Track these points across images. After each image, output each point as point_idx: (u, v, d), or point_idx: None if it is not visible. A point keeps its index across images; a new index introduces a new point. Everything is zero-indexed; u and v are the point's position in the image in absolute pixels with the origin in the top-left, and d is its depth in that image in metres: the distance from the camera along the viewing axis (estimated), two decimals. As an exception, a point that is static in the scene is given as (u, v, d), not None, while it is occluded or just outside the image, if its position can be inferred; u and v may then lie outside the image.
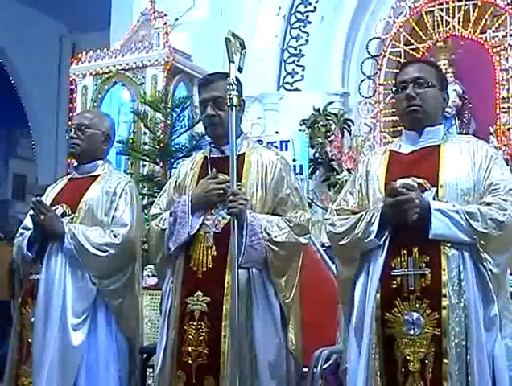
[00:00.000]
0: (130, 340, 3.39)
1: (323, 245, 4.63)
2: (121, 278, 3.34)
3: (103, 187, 3.42)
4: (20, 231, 3.47)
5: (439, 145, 2.76)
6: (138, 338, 3.48)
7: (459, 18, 7.27)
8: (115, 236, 3.29)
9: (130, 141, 6.82)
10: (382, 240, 2.62)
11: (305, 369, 3.32)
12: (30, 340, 3.27)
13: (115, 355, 3.30)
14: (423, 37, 7.48)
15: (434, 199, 2.59)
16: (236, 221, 2.87)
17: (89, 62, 8.09)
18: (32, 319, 3.27)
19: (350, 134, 7.51)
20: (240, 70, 2.99)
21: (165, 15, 7.92)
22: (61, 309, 3.20)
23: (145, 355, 3.77)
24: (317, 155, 7.41)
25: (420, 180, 2.64)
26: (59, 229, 3.26)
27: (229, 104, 2.93)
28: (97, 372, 3.24)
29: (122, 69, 7.81)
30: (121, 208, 3.38)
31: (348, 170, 6.86)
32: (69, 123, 3.56)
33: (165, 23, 7.88)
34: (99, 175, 3.50)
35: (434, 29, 7.39)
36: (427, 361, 2.49)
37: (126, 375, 3.37)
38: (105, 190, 3.41)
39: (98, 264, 3.27)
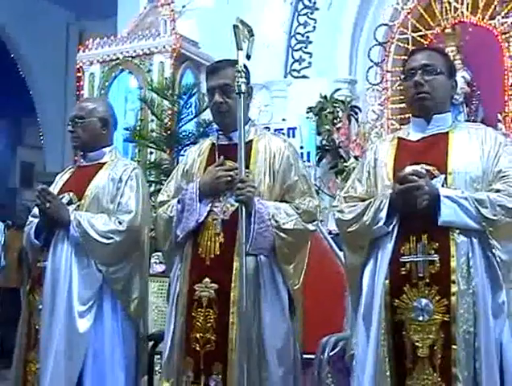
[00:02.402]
0: (136, 326, 3.40)
1: (330, 232, 4.64)
2: (126, 265, 3.34)
3: (109, 174, 3.42)
4: (30, 219, 3.49)
5: (447, 133, 2.75)
6: (144, 324, 3.49)
7: (467, 4, 7.22)
8: (120, 223, 3.29)
9: (137, 128, 6.83)
10: (391, 227, 2.62)
11: (312, 356, 3.34)
12: (37, 327, 3.29)
13: (121, 342, 3.31)
14: (431, 23, 7.43)
15: (443, 185, 2.59)
16: (244, 208, 2.87)
17: (96, 49, 8.09)
18: (40, 306, 3.28)
19: (357, 121, 7.49)
20: (248, 57, 2.98)
21: (172, 2, 7.91)
22: (67, 296, 3.21)
23: (152, 342, 3.79)
24: (324, 142, 7.39)
25: (429, 167, 2.64)
26: (65, 217, 3.26)
27: (237, 91, 2.93)
28: (104, 359, 3.25)
29: (129, 56, 7.82)
30: (126, 195, 3.37)
31: (356, 158, 6.84)
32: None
33: (172, 10, 7.87)
34: (106, 162, 3.49)
35: (442, 15, 7.34)
36: (435, 347, 2.49)
37: (133, 361, 3.38)
38: (111, 177, 3.41)
39: (104, 252, 3.28)
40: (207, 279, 2.95)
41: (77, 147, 3.60)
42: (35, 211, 3.43)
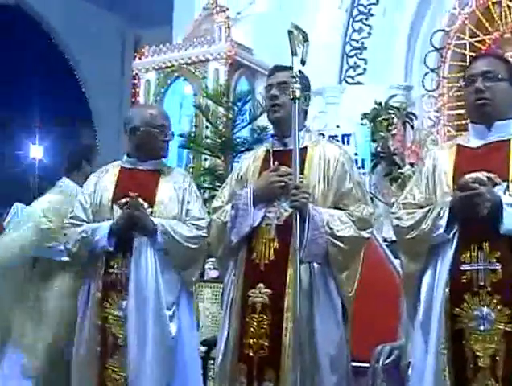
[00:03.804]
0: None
1: (385, 240, 4.59)
2: (198, 267, 3.48)
3: (173, 183, 3.47)
4: (72, 221, 3.45)
5: (509, 140, 2.70)
6: None
7: (527, 8, 7.08)
8: (201, 229, 3.37)
9: (192, 134, 6.88)
10: (452, 235, 2.59)
11: (365, 364, 3.30)
12: (117, 334, 3.27)
13: (197, 340, 3.49)
14: (490, 28, 7.31)
15: (504, 193, 2.54)
16: (298, 214, 2.86)
17: (152, 56, 8.21)
18: (116, 313, 3.28)
19: (413, 128, 7.42)
20: (303, 63, 2.97)
21: (227, 9, 7.96)
22: (157, 303, 3.26)
23: (206, 347, 3.81)
24: (379, 149, 7.33)
25: (490, 174, 2.59)
26: (150, 224, 3.30)
27: (291, 97, 2.92)
28: (185, 358, 3.34)
29: (185, 63, 7.91)
30: (192, 202, 3.45)
31: (411, 164, 6.76)
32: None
33: (227, 17, 7.93)
34: (161, 169, 3.53)
35: (501, 20, 7.21)
36: (497, 357, 2.45)
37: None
38: (175, 186, 3.46)
39: (185, 256, 3.36)
40: (261, 285, 2.95)
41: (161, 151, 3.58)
42: (77, 213, 3.43)
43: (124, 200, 3.35)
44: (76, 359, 3.38)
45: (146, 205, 3.35)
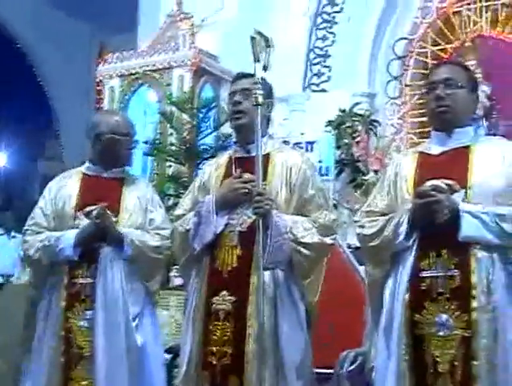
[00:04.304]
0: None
1: (349, 246, 4.62)
2: (160, 278, 3.46)
3: (136, 192, 3.45)
4: (33, 228, 3.40)
5: (468, 147, 2.73)
6: None
7: (487, 17, 7.20)
8: (165, 239, 3.35)
9: (156, 142, 6.85)
10: (411, 242, 2.61)
11: (330, 370, 3.32)
12: (80, 344, 3.24)
13: (161, 350, 3.47)
14: (451, 37, 7.42)
15: (463, 200, 2.57)
16: (261, 221, 2.86)
17: (116, 63, 8.15)
18: (81, 323, 3.25)
19: (376, 135, 7.46)
20: (265, 69, 2.97)
21: (191, 16, 7.95)
22: (125, 313, 3.25)
23: (171, 355, 3.79)
24: (343, 156, 7.36)
25: (450, 181, 2.61)
26: (117, 234, 3.28)
27: (254, 103, 2.93)
28: (151, 368, 3.33)
29: (149, 70, 7.86)
30: (155, 211, 3.44)
31: (375, 172, 6.82)
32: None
33: (191, 24, 7.91)
34: (124, 178, 3.50)
35: (461, 29, 7.33)
36: (456, 362, 2.48)
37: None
38: (138, 195, 3.44)
39: (150, 266, 3.37)
40: (224, 292, 2.94)
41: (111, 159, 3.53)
42: (38, 220, 3.39)
43: (89, 209, 3.31)
44: (33, 370, 3.34)
45: (110, 214, 3.32)
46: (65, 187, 3.47)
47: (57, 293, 3.30)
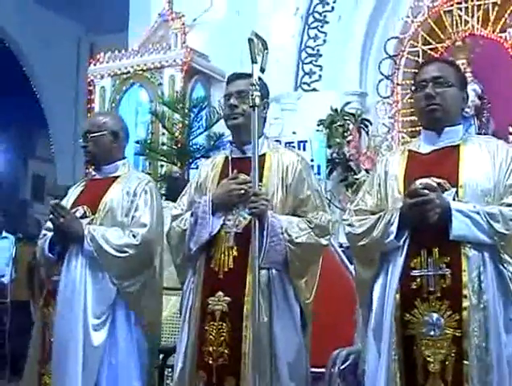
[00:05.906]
0: (149, 338, 3.38)
1: (341, 246, 4.62)
2: (140, 279, 3.33)
3: (123, 188, 3.42)
4: (43, 232, 3.50)
5: (458, 145, 2.73)
6: (158, 337, 3.52)
7: (478, 17, 7.24)
8: (134, 237, 3.29)
9: (148, 141, 6.86)
10: (402, 241, 2.60)
11: (322, 369, 3.33)
12: (52, 340, 3.29)
13: (135, 354, 3.30)
14: (442, 36, 7.45)
15: (454, 199, 2.57)
16: (257, 222, 2.86)
17: (107, 63, 8.15)
18: (54, 319, 3.28)
19: (368, 134, 7.50)
20: (262, 70, 2.98)
21: (182, 16, 7.95)
22: (82, 310, 3.22)
23: (163, 355, 3.78)
24: (335, 155, 7.40)
25: (440, 180, 2.62)
26: (79, 231, 3.27)
27: (251, 104, 2.93)
28: (118, 371, 3.25)
29: (140, 70, 7.87)
30: (140, 209, 3.37)
31: (366, 170, 6.85)
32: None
33: (182, 24, 7.92)
34: (119, 176, 3.50)
35: (452, 28, 7.36)
36: (447, 362, 2.47)
37: (147, 374, 3.38)
38: (126, 191, 3.41)
39: (118, 265, 3.28)
40: (220, 293, 2.95)
41: (90, 162, 3.66)
42: (48, 224, 3.44)
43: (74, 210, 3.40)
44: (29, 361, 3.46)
45: (80, 212, 3.37)
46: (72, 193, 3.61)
47: (44, 290, 3.48)
